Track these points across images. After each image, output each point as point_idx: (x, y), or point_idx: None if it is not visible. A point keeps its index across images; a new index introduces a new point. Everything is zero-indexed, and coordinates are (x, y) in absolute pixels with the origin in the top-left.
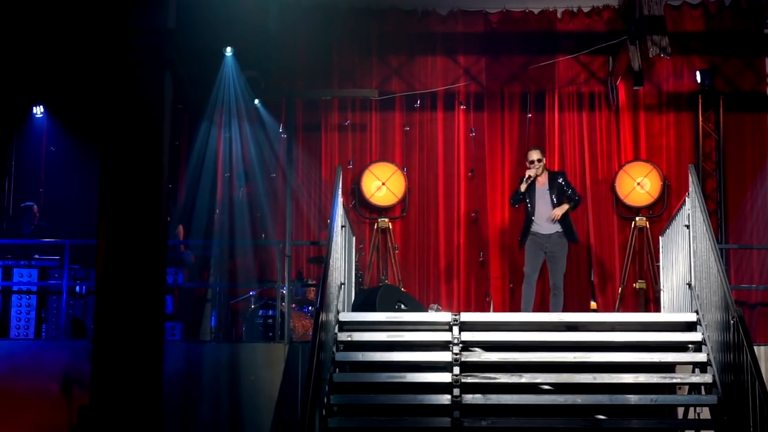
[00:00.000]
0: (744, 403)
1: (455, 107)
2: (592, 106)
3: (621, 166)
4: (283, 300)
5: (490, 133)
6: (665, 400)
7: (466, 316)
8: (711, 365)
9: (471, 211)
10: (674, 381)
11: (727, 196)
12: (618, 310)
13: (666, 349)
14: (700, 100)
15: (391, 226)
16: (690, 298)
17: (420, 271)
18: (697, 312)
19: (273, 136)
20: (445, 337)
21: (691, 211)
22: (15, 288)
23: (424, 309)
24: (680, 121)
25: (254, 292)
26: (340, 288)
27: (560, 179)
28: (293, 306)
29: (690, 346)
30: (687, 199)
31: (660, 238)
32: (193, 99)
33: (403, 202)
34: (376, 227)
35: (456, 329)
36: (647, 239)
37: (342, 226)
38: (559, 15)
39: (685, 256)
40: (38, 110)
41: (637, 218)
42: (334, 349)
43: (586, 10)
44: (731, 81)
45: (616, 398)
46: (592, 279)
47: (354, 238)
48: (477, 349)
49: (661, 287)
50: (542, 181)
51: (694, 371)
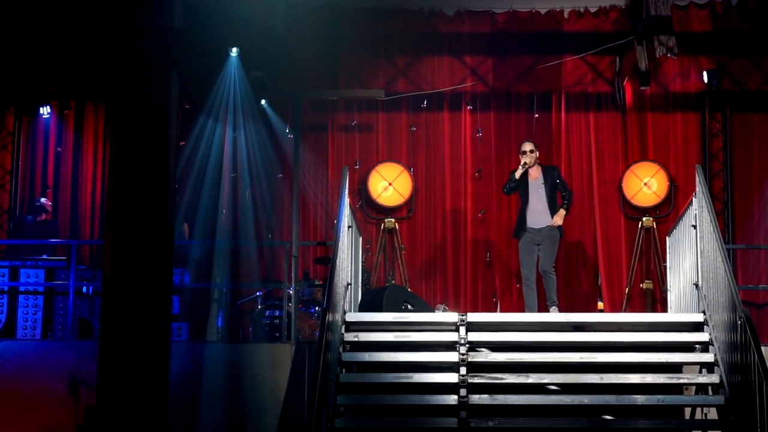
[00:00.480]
0: (751, 404)
1: (462, 107)
2: (599, 107)
3: (628, 167)
4: (289, 300)
5: (497, 134)
6: (672, 401)
7: (473, 317)
8: (718, 365)
9: (478, 212)
10: (681, 381)
11: (734, 197)
12: (625, 311)
13: (673, 350)
14: (707, 100)
15: (397, 227)
16: (697, 299)
17: (427, 272)
18: (704, 312)
19: (280, 137)
20: (451, 337)
21: (698, 211)
22: (22, 288)
23: (430, 309)
24: (687, 121)
25: (261, 293)
26: (347, 288)
27: (554, 173)
28: (300, 307)
29: (697, 346)
30: (694, 199)
31: (667, 238)
32: (198, 99)
33: (410, 202)
34: (382, 227)
35: (463, 329)
36: (654, 239)
37: (349, 227)
38: (566, 15)
39: (692, 257)
40: (45, 110)
41: (644, 218)
42: (341, 350)
43: (593, 10)
44: (738, 81)
45: (623, 398)
46: (599, 279)
47: (361, 239)
48: (484, 350)
49: (668, 287)
50: (535, 175)
51: (701, 371)
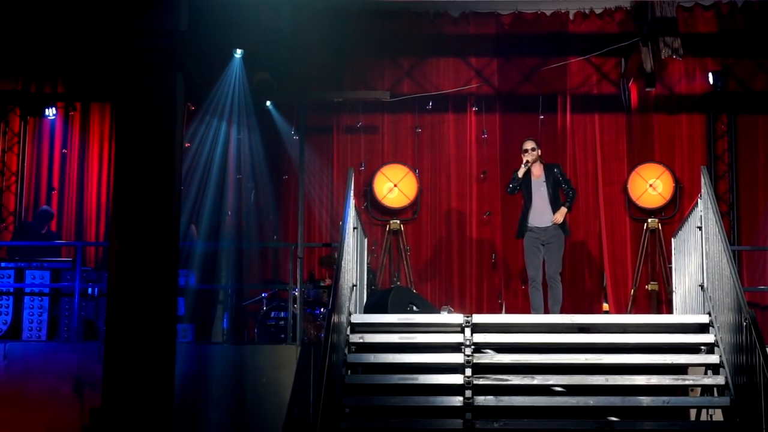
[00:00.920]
0: (757, 405)
1: (467, 109)
2: (604, 108)
3: (633, 168)
4: (295, 302)
5: (502, 135)
6: (678, 402)
7: (478, 318)
8: (723, 367)
9: (483, 213)
10: (687, 383)
11: (739, 198)
12: (630, 312)
13: (678, 351)
14: (713, 102)
15: (403, 228)
16: (702, 300)
17: (432, 273)
18: (710, 314)
19: (285, 138)
20: (457, 338)
21: (704, 212)
22: (27, 290)
23: (436, 311)
24: (692, 122)
25: (266, 294)
26: (352, 290)
27: (555, 170)
28: (305, 308)
29: (702, 347)
30: (699, 200)
31: (672, 239)
32: (204, 100)
33: (415, 203)
34: (388, 229)
35: (468, 331)
36: (659, 241)
37: (354, 228)
38: (571, 16)
39: (698, 258)
40: (51, 112)
41: (650, 220)
42: (346, 351)
43: (598, 11)
44: (744, 82)
45: (629, 400)
46: (605, 281)
47: (366, 240)
48: (489, 351)
49: (674, 289)
50: (537, 174)
51: (706, 373)
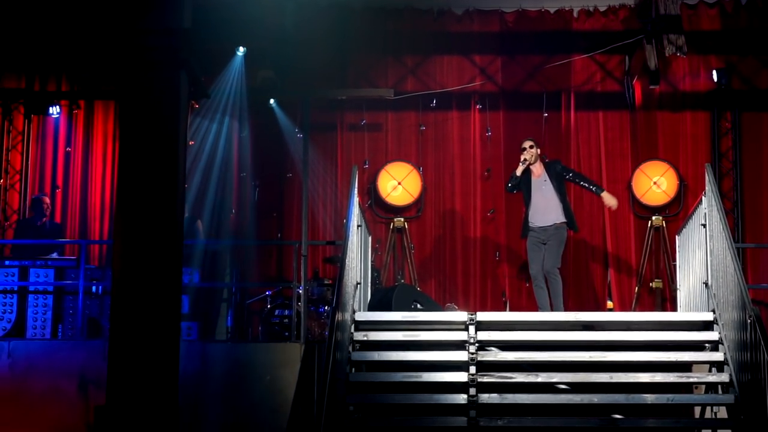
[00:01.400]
0: (761, 402)
1: (471, 107)
2: (608, 106)
3: (637, 166)
4: (299, 300)
5: (506, 133)
6: (682, 400)
7: (482, 316)
8: (728, 364)
9: (487, 211)
10: (691, 380)
11: (743, 195)
12: (634, 310)
13: (683, 348)
14: (717, 99)
15: (407, 226)
16: (706, 298)
17: (436, 271)
18: (714, 311)
19: (289, 136)
20: (461, 336)
21: (708, 210)
22: (31, 288)
23: (440, 308)
24: (696, 120)
25: (270, 292)
26: (356, 287)
27: (558, 167)
28: (309, 306)
29: (707, 345)
30: (703, 198)
31: (676, 237)
32: (207, 98)
33: (419, 201)
34: (392, 227)
35: (472, 328)
36: (664, 238)
37: (358, 226)
38: (575, 14)
39: (702, 256)
40: (54, 110)
41: (654, 217)
42: (350, 349)
43: (602, 9)
44: (748, 80)
45: (633, 397)
46: (609, 278)
47: (370, 238)
48: (493, 349)
49: (678, 286)
50: (537, 173)
51: (710, 370)
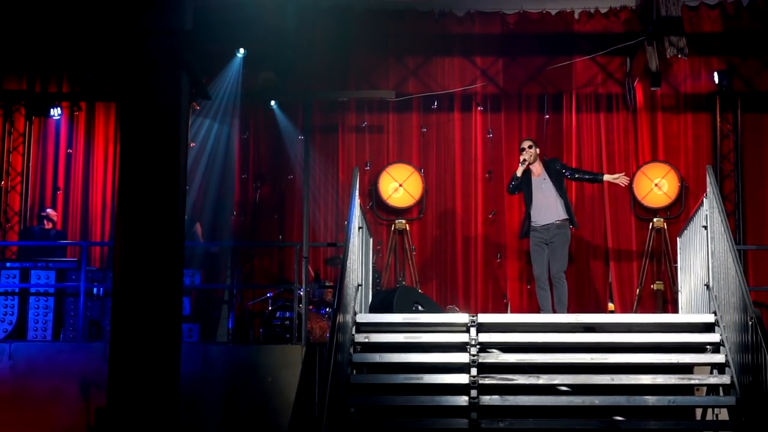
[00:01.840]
0: (763, 404)
1: (472, 108)
2: (610, 107)
3: (638, 167)
4: (300, 301)
5: (508, 135)
6: (683, 401)
7: (484, 318)
8: (729, 366)
9: (488, 213)
10: (692, 382)
11: (745, 197)
12: (636, 311)
13: (684, 350)
14: (718, 101)
15: (408, 228)
16: (708, 299)
17: (437, 273)
18: (715, 313)
19: (290, 138)
20: (462, 338)
21: (709, 212)
22: (33, 290)
23: (441, 310)
24: (698, 121)
25: (271, 294)
26: (357, 289)
27: (557, 165)
28: (310, 308)
29: (708, 347)
30: (705, 200)
31: (678, 239)
32: (209, 99)
33: (421, 203)
34: (393, 228)
35: (473, 330)
36: (665, 240)
37: (359, 228)
38: (576, 16)
39: (703, 257)
40: (55, 112)
41: (655, 219)
42: (351, 351)
43: (603, 10)
44: (749, 82)
45: (634, 399)
46: (610, 280)
47: (371, 240)
48: (494, 351)
49: (679, 288)
50: (537, 172)
51: (712, 372)
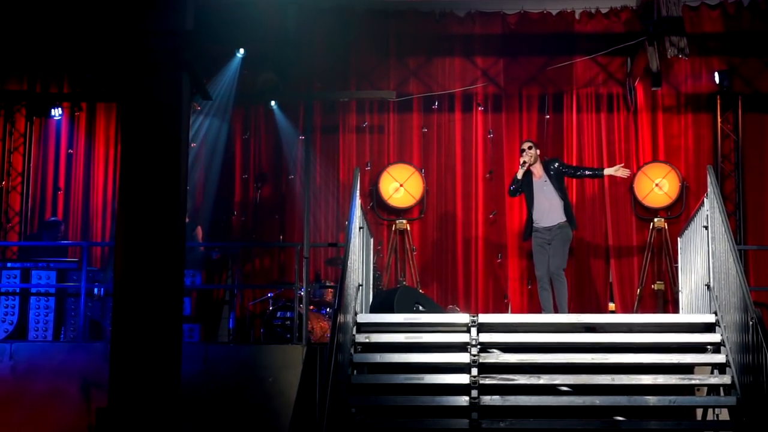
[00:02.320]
0: (763, 404)
1: (473, 109)
2: (611, 108)
3: (639, 167)
4: (300, 302)
5: (509, 135)
6: (684, 402)
7: (484, 318)
8: (730, 366)
9: (489, 213)
10: (693, 382)
11: (745, 197)
12: (636, 312)
13: (685, 351)
14: (719, 101)
15: (409, 228)
16: (708, 300)
17: (438, 273)
18: (716, 313)
19: (291, 138)
20: (463, 338)
21: (710, 212)
22: (33, 290)
23: (442, 310)
24: (699, 122)
25: (272, 294)
26: (358, 289)
27: (555, 164)
28: (311, 308)
29: (709, 347)
30: (705, 200)
31: (678, 239)
32: (209, 100)
33: (421, 203)
34: (394, 229)
35: (474, 330)
36: (666, 240)
37: (360, 228)
38: (577, 16)
39: (704, 257)
40: (56, 112)
41: (656, 219)
42: (352, 351)
43: (604, 11)
44: (750, 82)
45: (635, 399)
46: (611, 280)
47: (372, 240)
48: (495, 351)
49: (680, 288)
50: (538, 174)
51: (712, 372)
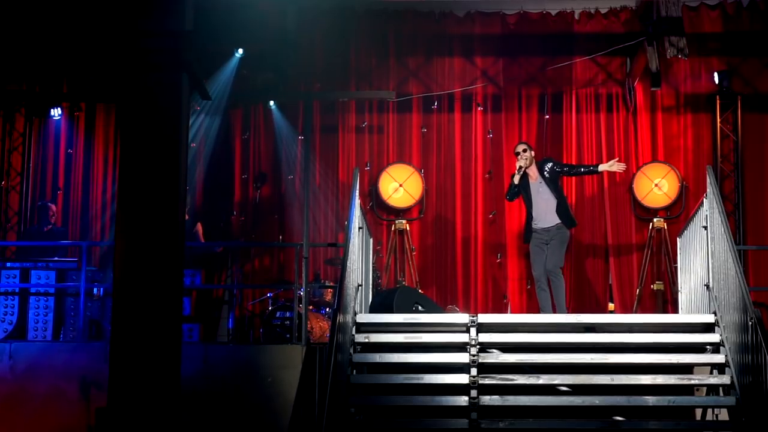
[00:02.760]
0: (762, 405)
1: (473, 109)
2: (610, 108)
3: (639, 168)
4: (300, 302)
5: (508, 135)
6: (683, 402)
7: (484, 318)
8: (729, 366)
9: (488, 213)
10: (692, 382)
11: (745, 197)
12: (636, 312)
13: (684, 351)
14: (718, 101)
15: (408, 228)
16: (708, 300)
17: (437, 273)
18: (715, 313)
19: (290, 139)
20: (462, 338)
21: (709, 212)
22: (33, 290)
23: (441, 310)
24: (698, 122)
25: (271, 294)
26: (358, 289)
27: (549, 165)
28: (310, 308)
29: (708, 347)
30: (705, 200)
31: (678, 239)
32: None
33: (421, 203)
34: (393, 229)
35: (473, 330)
36: (665, 240)
37: (359, 228)
38: (577, 16)
39: (703, 258)
40: (56, 112)
41: (655, 219)
42: (352, 351)
43: (603, 11)
44: (749, 82)
45: (634, 399)
46: (610, 280)
47: (371, 240)
48: (494, 351)
49: (679, 288)
50: (534, 176)
51: (712, 372)
